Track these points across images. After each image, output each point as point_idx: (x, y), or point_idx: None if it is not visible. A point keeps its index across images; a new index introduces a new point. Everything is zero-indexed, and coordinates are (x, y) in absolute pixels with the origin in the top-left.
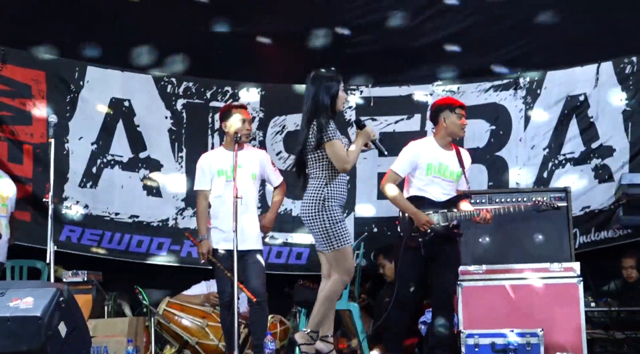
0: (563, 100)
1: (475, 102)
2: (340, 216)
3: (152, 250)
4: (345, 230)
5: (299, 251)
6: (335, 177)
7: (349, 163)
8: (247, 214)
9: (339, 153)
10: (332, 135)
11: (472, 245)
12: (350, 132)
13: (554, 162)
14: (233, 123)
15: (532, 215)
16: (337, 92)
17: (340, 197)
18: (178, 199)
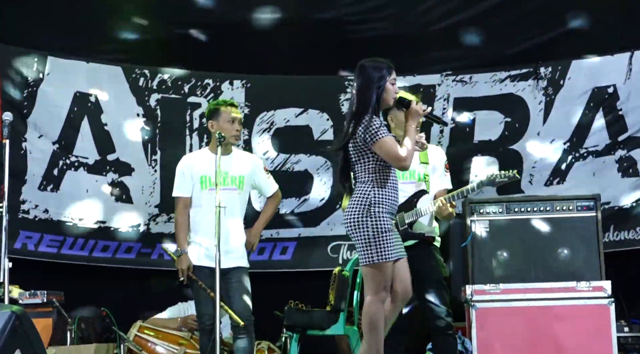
0: (589, 92)
1: (489, 92)
2: (387, 226)
3: (120, 254)
4: (390, 243)
5: (284, 246)
6: (386, 181)
7: (406, 159)
8: (233, 227)
9: (391, 151)
10: (379, 134)
11: (487, 260)
12: None
13: (574, 155)
14: (222, 123)
15: (556, 227)
16: (384, 85)
17: (390, 204)
18: (151, 205)
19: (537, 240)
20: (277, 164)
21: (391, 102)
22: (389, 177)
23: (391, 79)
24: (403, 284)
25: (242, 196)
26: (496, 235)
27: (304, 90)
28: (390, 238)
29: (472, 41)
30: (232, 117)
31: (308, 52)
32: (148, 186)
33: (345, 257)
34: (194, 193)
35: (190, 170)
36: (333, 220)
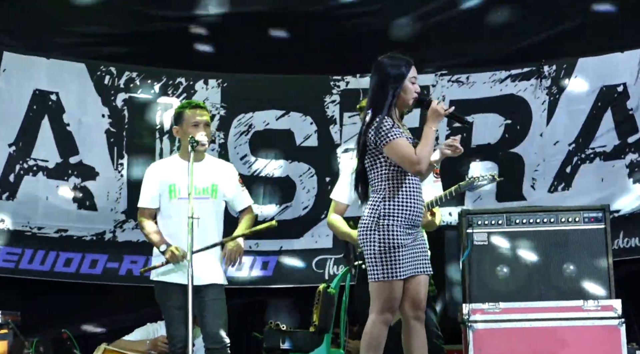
0: (597, 91)
1: (488, 93)
2: (398, 241)
3: (84, 269)
4: (400, 260)
5: (264, 260)
6: (399, 189)
7: (421, 162)
8: (207, 239)
9: (403, 153)
10: (390, 135)
11: (486, 277)
12: (334, 129)
13: (579, 157)
14: (186, 127)
15: (561, 240)
16: (402, 83)
17: (403, 215)
18: (117, 211)
19: (540, 255)
20: (255, 169)
21: (410, 102)
22: (404, 184)
23: (411, 77)
24: (412, 303)
25: (217, 206)
26: (495, 249)
27: (285, 90)
28: (401, 254)
29: (469, 37)
30: (197, 121)
31: (291, 49)
32: (114, 191)
33: (332, 272)
34: (162, 203)
35: (158, 178)
36: (318, 232)
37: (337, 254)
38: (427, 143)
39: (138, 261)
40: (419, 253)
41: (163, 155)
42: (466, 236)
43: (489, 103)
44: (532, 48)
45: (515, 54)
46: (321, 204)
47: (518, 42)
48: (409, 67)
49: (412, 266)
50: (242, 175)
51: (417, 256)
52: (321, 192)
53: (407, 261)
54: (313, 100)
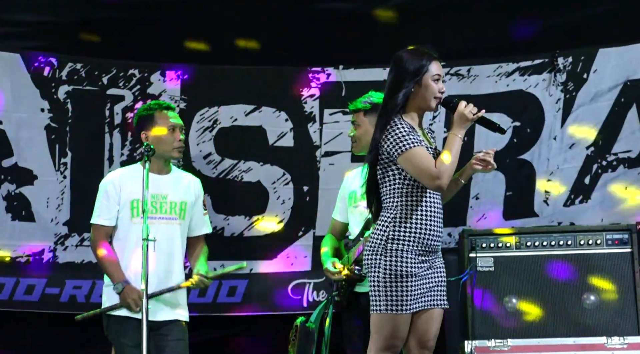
0: (620, 86)
1: (492, 89)
2: (409, 269)
3: (18, 296)
4: (407, 291)
5: (232, 285)
6: (415, 207)
7: (441, 176)
8: (170, 267)
9: (421, 165)
10: (405, 143)
11: (492, 309)
12: (312, 128)
13: (600, 164)
14: (158, 133)
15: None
16: (421, 80)
17: (417, 239)
18: (59, 223)
19: (555, 283)
20: (221, 171)
21: (432, 103)
22: (421, 202)
23: (433, 74)
24: (418, 341)
25: (184, 228)
26: (503, 276)
27: (256, 83)
28: (411, 284)
29: (470, 23)
30: (172, 124)
31: (263, 36)
32: (55, 197)
33: (311, 299)
34: (121, 221)
35: (119, 191)
36: (295, 252)
37: (317, 278)
38: (450, 153)
39: (83, 286)
40: (434, 283)
41: (113, 151)
42: (468, 261)
43: (494, 100)
44: (545, 36)
45: (525, 42)
46: (298, 218)
47: (528, 29)
48: (431, 61)
49: (425, 298)
50: (206, 177)
51: (432, 287)
52: (298, 204)
53: (417, 293)
54: (288, 94)
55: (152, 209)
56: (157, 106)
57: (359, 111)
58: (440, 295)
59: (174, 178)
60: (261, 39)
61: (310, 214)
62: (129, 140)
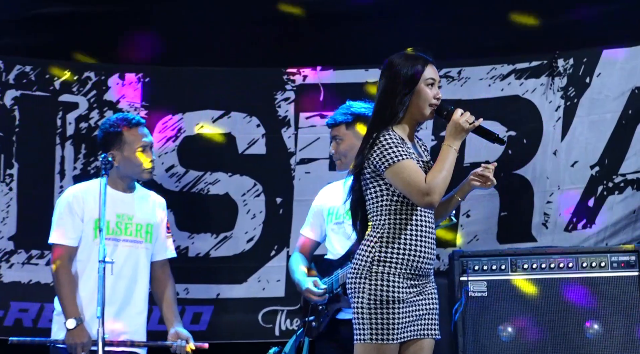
0: (627, 93)
1: (485, 93)
2: (395, 294)
3: None
4: (395, 319)
5: (196, 311)
6: (404, 227)
7: (432, 192)
8: (131, 295)
9: (410, 180)
10: (394, 155)
11: (485, 338)
12: (287, 134)
13: (606, 186)
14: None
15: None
16: (415, 86)
17: (406, 262)
18: (3, 237)
19: (555, 310)
20: (185, 184)
21: (427, 111)
22: (411, 221)
23: (427, 78)
24: None
25: (150, 252)
26: (497, 302)
27: (225, 86)
28: (398, 311)
29: (462, 20)
30: (143, 144)
31: (234, 35)
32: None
33: (284, 328)
34: (83, 241)
35: (82, 207)
36: (267, 275)
37: (291, 305)
38: (442, 167)
39: (29, 309)
40: (425, 311)
41: (65, 164)
42: (459, 285)
43: (487, 106)
44: (544, 35)
45: (522, 42)
46: (271, 236)
47: (525, 27)
48: (426, 66)
49: (414, 327)
50: (169, 191)
51: (422, 315)
52: (270, 219)
53: (406, 321)
54: (260, 98)
55: (117, 230)
56: (126, 122)
57: (340, 124)
58: (431, 323)
59: (140, 197)
60: (231, 39)
61: (284, 230)
62: (83, 153)
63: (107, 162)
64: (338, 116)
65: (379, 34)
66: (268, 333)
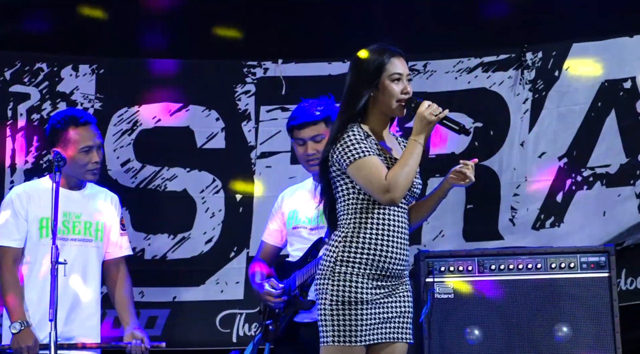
0: (597, 87)
1: (452, 86)
2: (359, 295)
3: None
4: (359, 320)
5: (151, 315)
6: (370, 226)
7: (392, 189)
8: (83, 297)
9: (371, 176)
10: (355, 152)
11: (451, 342)
12: (247, 127)
13: (574, 179)
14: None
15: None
16: (380, 80)
17: (370, 262)
18: None
19: (523, 312)
20: (141, 179)
21: (394, 106)
22: (377, 220)
23: (391, 73)
24: None
25: (100, 251)
26: (464, 305)
27: (183, 78)
28: (361, 312)
29: (428, 12)
30: (87, 145)
31: (192, 26)
32: None
33: (242, 333)
34: (28, 242)
35: (26, 207)
36: (225, 277)
37: (250, 308)
38: (405, 162)
39: None
40: (396, 313)
41: (16, 158)
42: (425, 287)
43: (454, 99)
44: (512, 28)
45: (490, 35)
46: (230, 236)
47: (493, 20)
48: (391, 61)
49: (382, 330)
50: (124, 187)
51: (393, 318)
52: (230, 217)
53: (372, 323)
54: (220, 90)
55: (64, 229)
56: (73, 121)
57: (319, 122)
58: (403, 327)
59: (89, 194)
60: (189, 30)
61: (244, 230)
62: (35, 146)
63: (60, 158)
64: (316, 114)
65: (343, 27)
66: (225, 338)
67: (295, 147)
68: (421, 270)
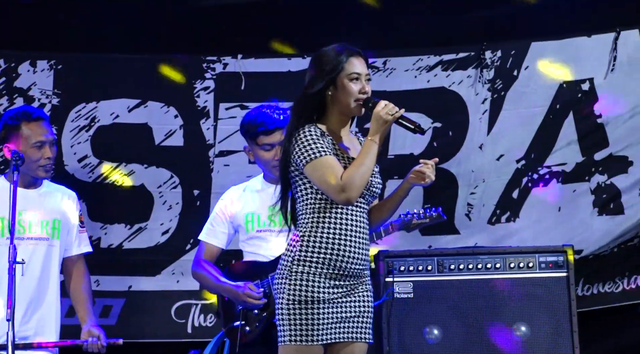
0: (555, 88)
1: (411, 85)
2: (315, 294)
3: None
4: (316, 319)
5: (106, 304)
6: (328, 225)
7: (347, 188)
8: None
9: (326, 176)
10: (311, 151)
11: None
12: (206, 125)
13: (530, 177)
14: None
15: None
16: (334, 83)
17: (326, 261)
18: None
19: (482, 311)
20: (98, 175)
21: (352, 106)
22: (335, 219)
23: (350, 73)
24: None
25: (58, 249)
26: (424, 304)
27: (141, 74)
28: (318, 311)
29: (388, 10)
30: (39, 141)
31: (151, 21)
32: None
33: (197, 324)
34: None
35: None
36: (180, 267)
37: (205, 299)
38: (361, 162)
39: None
40: (355, 313)
41: None
42: (385, 286)
43: (413, 97)
44: (472, 26)
45: (450, 33)
46: (187, 228)
47: (453, 18)
48: (349, 60)
49: (341, 329)
50: (81, 182)
51: (352, 317)
52: (187, 210)
53: (329, 322)
54: (179, 87)
55: (20, 229)
56: (25, 116)
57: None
58: (363, 326)
59: (45, 192)
60: (148, 25)
61: (201, 223)
62: None
63: (18, 157)
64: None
65: (304, 23)
66: (181, 328)
67: (257, 152)
68: (381, 269)
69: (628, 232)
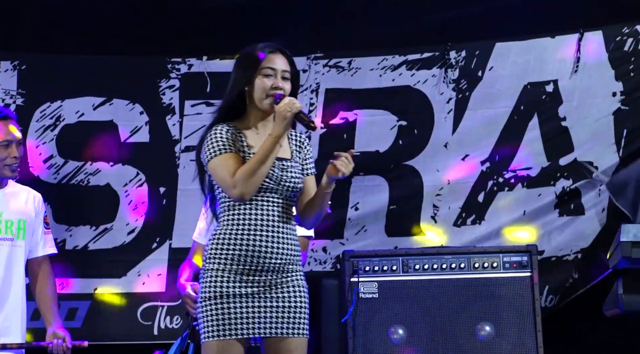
0: (519, 89)
1: (376, 83)
2: (224, 289)
3: None
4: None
5: (71, 307)
6: (237, 222)
7: (238, 184)
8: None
9: (222, 173)
10: (212, 150)
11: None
12: (171, 121)
13: (496, 181)
14: None
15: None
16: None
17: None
18: None
19: (447, 311)
20: (64, 175)
21: (265, 102)
22: (244, 216)
23: (265, 68)
24: None
25: (23, 250)
26: (389, 304)
27: (106, 73)
28: (229, 305)
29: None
30: (7, 140)
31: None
32: None
33: (163, 326)
34: None
35: None
36: (147, 268)
37: (172, 301)
38: (256, 158)
39: None
40: (280, 306)
41: None
42: (350, 287)
43: (378, 96)
44: (436, 27)
45: (414, 33)
46: (153, 227)
47: (417, 18)
48: (268, 56)
49: (264, 323)
50: (47, 184)
51: (277, 312)
52: (153, 209)
53: (247, 316)
54: (144, 85)
55: None
56: None
57: None
58: (294, 321)
59: (10, 192)
60: (113, 25)
61: (167, 221)
62: None
63: None
64: None
65: (268, 25)
66: (147, 331)
67: None
68: (346, 269)
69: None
